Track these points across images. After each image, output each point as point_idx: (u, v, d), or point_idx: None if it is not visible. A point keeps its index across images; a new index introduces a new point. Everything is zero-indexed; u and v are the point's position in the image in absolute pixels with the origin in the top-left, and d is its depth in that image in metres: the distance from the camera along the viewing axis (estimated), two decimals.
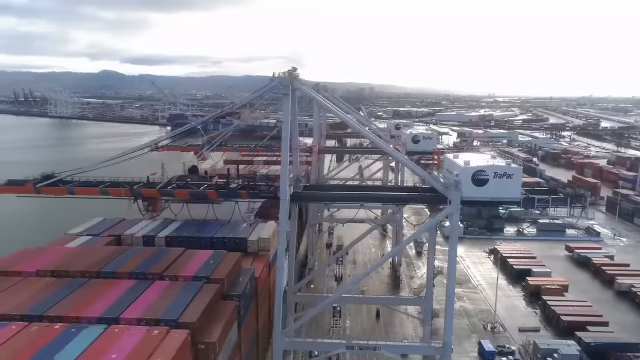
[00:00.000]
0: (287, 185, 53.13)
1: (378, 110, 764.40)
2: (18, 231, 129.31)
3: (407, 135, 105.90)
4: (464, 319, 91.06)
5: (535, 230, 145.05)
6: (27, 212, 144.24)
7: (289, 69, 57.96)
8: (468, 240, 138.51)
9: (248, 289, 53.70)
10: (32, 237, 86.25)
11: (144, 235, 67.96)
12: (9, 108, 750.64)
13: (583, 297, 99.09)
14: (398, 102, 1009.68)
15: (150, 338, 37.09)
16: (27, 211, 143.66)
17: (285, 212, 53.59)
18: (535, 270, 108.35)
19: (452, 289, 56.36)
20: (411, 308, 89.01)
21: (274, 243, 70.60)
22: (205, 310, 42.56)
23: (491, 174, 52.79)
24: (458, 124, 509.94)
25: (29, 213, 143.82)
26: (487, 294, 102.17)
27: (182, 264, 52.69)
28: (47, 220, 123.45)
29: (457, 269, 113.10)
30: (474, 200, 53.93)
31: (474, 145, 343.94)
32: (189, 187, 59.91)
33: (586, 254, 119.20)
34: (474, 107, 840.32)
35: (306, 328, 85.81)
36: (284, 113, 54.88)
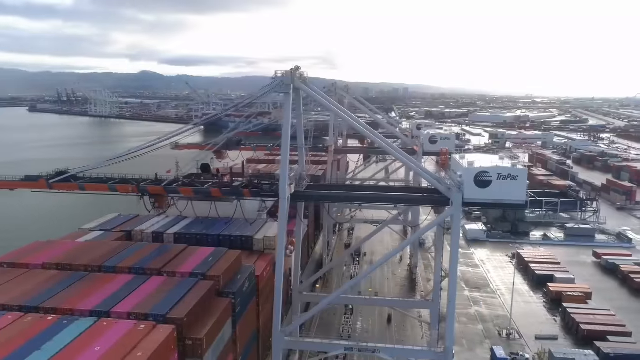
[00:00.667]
0: (286, 185, 53.01)
1: (410, 111, 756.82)
2: (43, 224, 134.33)
3: (424, 135, 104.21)
4: (478, 325, 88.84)
5: (563, 235, 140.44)
6: (60, 206, 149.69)
7: (291, 67, 58.07)
8: (491, 244, 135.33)
9: (247, 286, 54.02)
10: (54, 230, 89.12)
11: (154, 232, 69.52)
12: (52, 107, 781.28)
13: (607, 306, 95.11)
14: (432, 102, 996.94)
15: (136, 332, 37.72)
16: (60, 206, 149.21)
17: (284, 210, 53.48)
18: (558, 277, 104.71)
19: (453, 293, 55.04)
20: (425, 312, 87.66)
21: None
22: (196, 307, 42.99)
23: (495, 175, 51.32)
24: (492, 125, 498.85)
25: (63, 207, 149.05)
26: (506, 299, 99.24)
27: (182, 260, 53.40)
28: (73, 215, 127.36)
29: (476, 273, 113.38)
30: (476, 202, 52.53)
31: (507, 147, 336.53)
32: (194, 184, 60.49)
33: (614, 260, 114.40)
34: (511, 108, 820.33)
35: (316, 326, 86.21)
36: (284, 112, 54.75)
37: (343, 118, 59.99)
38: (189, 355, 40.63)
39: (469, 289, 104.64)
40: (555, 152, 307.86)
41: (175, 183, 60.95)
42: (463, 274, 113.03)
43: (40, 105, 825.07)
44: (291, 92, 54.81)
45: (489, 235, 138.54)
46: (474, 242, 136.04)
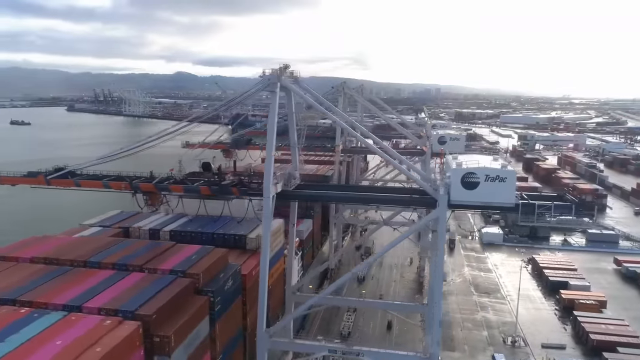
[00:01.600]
0: (270, 184, 52.62)
1: (441, 111, 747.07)
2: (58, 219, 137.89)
3: (433, 136, 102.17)
4: (483, 331, 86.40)
5: (585, 241, 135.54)
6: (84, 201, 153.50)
7: (280, 65, 57.78)
8: (507, 248, 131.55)
9: (230, 285, 54.03)
10: (65, 225, 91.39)
11: (150, 229, 70.58)
12: (90, 107, 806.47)
13: (623, 315, 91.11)
14: (464, 103, 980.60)
15: (100, 328, 38.08)
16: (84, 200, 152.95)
17: (268, 210, 53.07)
18: (572, 283, 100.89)
19: (439, 297, 53.39)
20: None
21: (275, 241, 70.77)
22: (168, 304, 43.18)
23: (482, 176, 49.64)
24: (523, 126, 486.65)
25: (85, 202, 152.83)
26: (516, 305, 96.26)
27: (166, 257, 53.81)
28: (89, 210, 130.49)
29: (488, 277, 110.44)
30: (463, 204, 50.95)
31: (536, 148, 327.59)
32: (185, 182, 60.88)
33: (635, 268, 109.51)
34: (546, 109, 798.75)
35: (317, 326, 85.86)
36: (270, 110, 54.44)
37: (331, 119, 59.17)
38: (157, 352, 40.78)
39: (478, 294, 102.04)
40: (587, 154, 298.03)
41: (168, 181, 61.44)
42: (474, 278, 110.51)
43: (78, 105, 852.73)
44: (277, 91, 54.36)
45: (505, 239, 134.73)
46: (490, 245, 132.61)
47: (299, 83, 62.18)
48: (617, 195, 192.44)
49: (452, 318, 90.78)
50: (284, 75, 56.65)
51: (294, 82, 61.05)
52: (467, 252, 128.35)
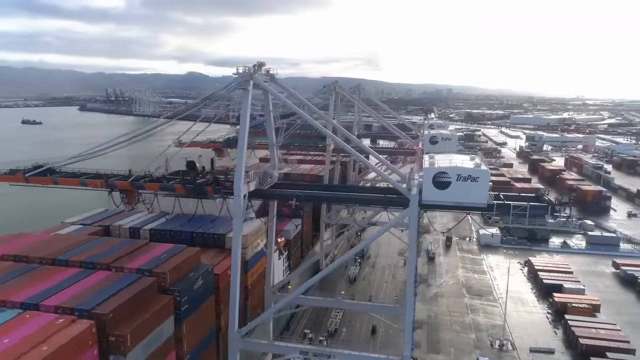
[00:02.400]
0: (241, 182, 52.05)
1: (451, 112, 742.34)
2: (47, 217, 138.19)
3: (425, 136, 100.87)
4: (471, 334, 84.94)
5: (585, 243, 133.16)
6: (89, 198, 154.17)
7: (254, 64, 57.23)
8: (505, 250, 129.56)
9: (199, 284, 53.45)
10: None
11: (131, 227, 70.40)
12: (101, 107, 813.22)
13: (617, 320, 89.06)
14: (475, 104, 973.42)
15: (52, 326, 37.75)
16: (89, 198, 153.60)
17: (239, 208, 52.51)
18: (566, 287, 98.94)
19: (410, 297, 52.45)
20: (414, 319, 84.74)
21: (255, 241, 70.24)
22: (127, 303, 42.75)
23: (454, 176, 48.65)
24: (533, 127, 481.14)
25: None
26: (508, 308, 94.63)
27: (136, 256, 53.41)
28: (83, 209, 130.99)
29: (481, 279, 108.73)
30: (435, 204, 49.93)
31: (544, 150, 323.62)
32: (161, 180, 60.58)
33: (634, 271, 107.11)
34: (558, 110, 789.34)
35: (303, 324, 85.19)
36: (242, 108, 53.88)
37: (305, 118, 58.41)
38: (112, 351, 40.34)
39: (469, 296, 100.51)
40: (595, 156, 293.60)
41: (144, 179, 61.19)
42: (467, 280, 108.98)
43: (90, 104, 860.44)
44: (250, 89, 53.77)
45: (503, 241, 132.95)
46: (487, 247, 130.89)
47: (276, 82, 61.71)
48: (622, 197, 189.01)
49: (440, 320, 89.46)
50: (257, 73, 56.15)
51: (270, 81, 60.62)
52: (463, 253, 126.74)
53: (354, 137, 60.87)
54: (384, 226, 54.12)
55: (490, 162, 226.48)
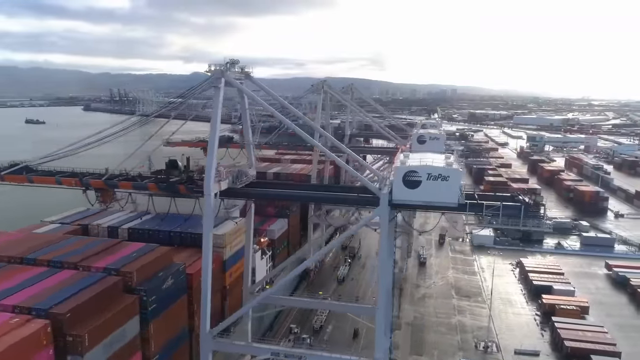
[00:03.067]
0: (211, 181, 51.45)
1: (455, 112, 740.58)
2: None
3: (413, 135, 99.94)
4: (456, 335, 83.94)
5: (579, 244, 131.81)
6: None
7: (227, 61, 56.60)
8: (498, 250, 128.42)
9: (169, 283, 52.96)
10: None
11: (109, 226, 70.17)
12: (105, 107, 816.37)
13: (607, 322, 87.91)
14: (479, 104, 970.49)
15: (5, 326, 37.51)
16: None
17: (209, 208, 51.88)
18: (556, 288, 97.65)
19: (382, 298, 51.58)
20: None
21: (235, 240, 69.69)
22: (87, 302, 42.33)
23: (424, 175, 47.84)
24: (536, 128, 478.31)
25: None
26: (495, 309, 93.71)
27: (104, 255, 52.99)
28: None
29: (471, 280, 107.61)
30: (405, 203, 49.13)
31: (545, 150, 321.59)
32: (135, 179, 60.09)
33: (625, 273, 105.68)
34: (563, 110, 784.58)
35: (289, 322, 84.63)
36: (213, 106, 53.30)
37: (279, 117, 57.68)
38: (69, 351, 39.87)
39: (458, 297, 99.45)
40: (597, 156, 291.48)
41: (117, 177, 60.70)
42: (457, 281, 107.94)
43: (94, 104, 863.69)
44: (221, 87, 53.18)
45: (496, 242, 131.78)
46: (480, 248, 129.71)
47: (252, 80, 61.11)
48: (621, 198, 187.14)
49: (426, 321, 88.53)
50: (230, 71, 55.55)
51: (245, 79, 60.08)
52: (455, 254, 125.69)
53: (330, 136, 60.25)
54: (355, 225, 53.41)
55: (480, 162, 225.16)
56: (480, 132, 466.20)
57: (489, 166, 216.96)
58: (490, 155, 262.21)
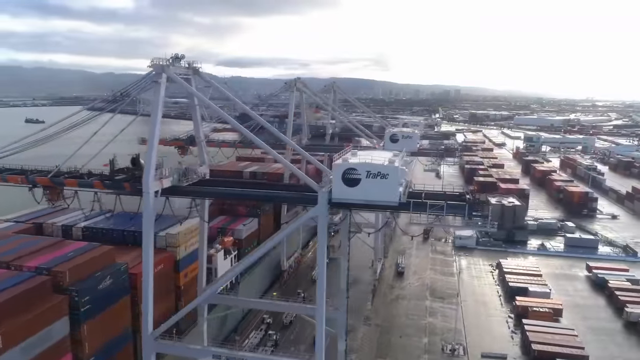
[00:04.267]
0: (149, 179, 50.11)
1: (456, 113, 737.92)
2: None
3: (386, 133, 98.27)
4: (424, 338, 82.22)
5: (563, 245, 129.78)
6: None
7: (171, 56, 55.35)
8: (480, 251, 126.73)
9: (107, 283, 51.65)
10: None
11: (63, 225, 69.02)
12: (107, 106, 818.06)
13: (581, 325, 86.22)
14: (482, 105, 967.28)
15: None
16: None
17: (148, 207, 50.53)
18: (532, 290, 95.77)
19: (321, 301, 50.11)
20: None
21: (189, 240, 68.33)
22: (7, 302, 41.10)
23: (363, 173, 46.25)
24: (536, 128, 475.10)
25: None
26: (467, 311, 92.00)
27: (40, 254, 51.76)
28: None
29: (448, 282, 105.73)
30: (345, 202, 47.59)
31: (543, 150, 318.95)
32: (82, 177, 58.85)
33: (604, 275, 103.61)
34: (566, 111, 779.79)
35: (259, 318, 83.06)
36: (153, 102, 52.02)
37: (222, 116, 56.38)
38: None
39: (432, 298, 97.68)
40: (594, 157, 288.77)
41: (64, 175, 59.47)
42: (433, 282, 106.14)
43: (97, 104, 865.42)
44: (162, 82, 51.87)
45: (478, 243, 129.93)
46: (462, 249, 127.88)
47: (200, 75, 59.79)
48: (612, 199, 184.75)
49: (395, 323, 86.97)
50: (174, 66, 54.27)
51: (192, 75, 58.78)
52: (435, 255, 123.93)
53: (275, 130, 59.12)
54: (294, 223, 52.07)
55: (472, 162, 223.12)
56: (479, 132, 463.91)
57: (481, 166, 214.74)
58: (485, 155, 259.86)
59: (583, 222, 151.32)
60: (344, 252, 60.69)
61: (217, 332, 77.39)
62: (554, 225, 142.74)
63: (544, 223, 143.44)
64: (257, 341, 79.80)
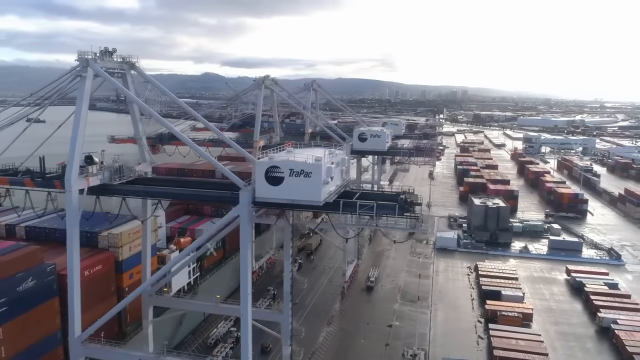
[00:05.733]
0: (71, 176, 48.23)
1: (461, 113, 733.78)
2: None
3: (355, 132, 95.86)
4: (386, 342, 79.69)
5: (546, 248, 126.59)
6: None
7: (101, 49, 53.55)
8: (460, 254, 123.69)
9: (30, 285, 49.89)
10: None
11: (7, 224, 67.64)
12: (111, 106, 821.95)
13: (553, 330, 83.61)
14: (488, 106, 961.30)
15: None
16: None
17: (71, 206, 48.64)
18: (504, 293, 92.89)
19: (243, 301, 47.86)
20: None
21: (135, 241, 66.46)
22: None
23: (286, 171, 44.02)
24: (539, 129, 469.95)
25: None
26: (437, 315, 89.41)
27: None
28: None
29: (422, 284, 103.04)
30: (268, 201, 45.39)
31: (542, 151, 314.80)
32: (15, 174, 57.22)
33: (582, 279, 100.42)
34: (573, 112, 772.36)
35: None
36: (77, 98, 50.18)
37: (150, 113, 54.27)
38: None
39: (402, 301, 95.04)
40: (593, 158, 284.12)
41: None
42: (407, 284, 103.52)
43: (100, 104, 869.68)
44: (86, 76, 49.97)
45: (459, 245, 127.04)
46: (443, 251, 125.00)
47: (137, 70, 57.99)
48: (606, 200, 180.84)
49: (359, 327, 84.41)
50: (103, 60, 52.46)
51: (128, 70, 57.01)
52: (413, 256, 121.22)
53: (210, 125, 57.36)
54: (217, 223, 50.00)
55: (465, 162, 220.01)
56: (480, 133, 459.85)
57: (474, 167, 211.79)
58: (481, 156, 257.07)
59: (570, 223, 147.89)
60: (286, 255, 58.32)
61: (171, 336, 75.59)
62: (540, 228, 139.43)
63: (530, 225, 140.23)
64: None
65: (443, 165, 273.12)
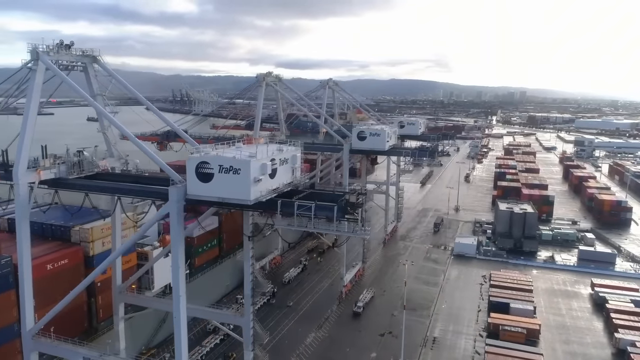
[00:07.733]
0: (18, 169, 47.95)
1: (515, 115, 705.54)
2: None
3: (354, 130, 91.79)
4: (373, 353, 75.47)
5: (575, 259, 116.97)
6: None
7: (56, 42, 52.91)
8: (479, 261, 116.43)
9: None
10: None
11: None
12: (166, 106, 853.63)
13: (562, 349, 76.54)
14: (547, 107, 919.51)
15: None
16: None
17: (20, 198, 48.39)
18: (513, 306, 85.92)
19: (175, 304, 45.63)
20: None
21: (104, 236, 66.03)
22: None
23: (216, 167, 41.53)
24: (599, 132, 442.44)
25: None
26: (436, 326, 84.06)
27: None
28: None
29: (429, 292, 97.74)
30: (200, 199, 43.08)
31: (596, 155, 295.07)
32: None
33: (606, 294, 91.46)
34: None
35: None
36: (27, 92, 49.67)
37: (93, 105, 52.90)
38: None
39: (401, 309, 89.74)
40: None
41: None
42: (412, 292, 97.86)
43: (157, 104, 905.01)
44: (37, 69, 49.40)
45: (480, 252, 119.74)
46: (460, 257, 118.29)
47: (101, 64, 57.07)
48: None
49: (349, 335, 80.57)
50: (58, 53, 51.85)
51: (90, 64, 56.25)
52: (426, 262, 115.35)
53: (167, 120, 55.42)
54: (147, 222, 48.11)
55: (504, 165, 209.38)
56: (532, 135, 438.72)
57: (512, 170, 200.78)
58: (523, 159, 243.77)
59: (609, 233, 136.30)
60: (246, 256, 55.74)
61: (152, 333, 75.02)
62: (572, 236, 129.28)
63: (561, 233, 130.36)
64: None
65: (484, 167, 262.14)
